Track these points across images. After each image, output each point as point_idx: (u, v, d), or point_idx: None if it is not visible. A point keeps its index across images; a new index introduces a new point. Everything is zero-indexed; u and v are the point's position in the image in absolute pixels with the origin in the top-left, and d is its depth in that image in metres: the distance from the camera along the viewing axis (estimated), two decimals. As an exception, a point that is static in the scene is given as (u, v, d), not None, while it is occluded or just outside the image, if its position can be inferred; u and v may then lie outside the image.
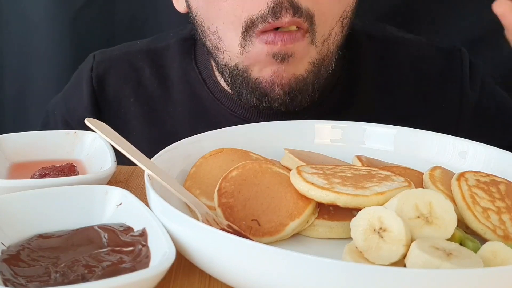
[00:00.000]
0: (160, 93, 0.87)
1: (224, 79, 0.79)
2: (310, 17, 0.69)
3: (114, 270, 0.43)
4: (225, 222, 0.50)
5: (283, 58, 0.70)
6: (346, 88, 0.85)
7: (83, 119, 0.86)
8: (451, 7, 1.05)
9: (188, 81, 0.86)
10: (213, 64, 0.83)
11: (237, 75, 0.74)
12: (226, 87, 0.82)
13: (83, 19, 1.07)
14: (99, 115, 0.87)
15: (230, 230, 0.48)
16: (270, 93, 0.72)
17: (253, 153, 0.63)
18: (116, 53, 0.90)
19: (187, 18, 1.05)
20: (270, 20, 0.67)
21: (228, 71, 0.75)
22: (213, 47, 0.76)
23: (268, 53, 0.70)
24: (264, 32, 0.69)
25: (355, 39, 0.86)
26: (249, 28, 0.69)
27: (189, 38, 0.88)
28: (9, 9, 1.08)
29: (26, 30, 1.08)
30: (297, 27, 0.69)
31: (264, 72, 0.72)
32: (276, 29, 0.69)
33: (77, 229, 0.49)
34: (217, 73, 0.83)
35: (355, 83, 0.86)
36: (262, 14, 0.67)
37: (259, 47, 0.70)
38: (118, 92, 0.88)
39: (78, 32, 1.07)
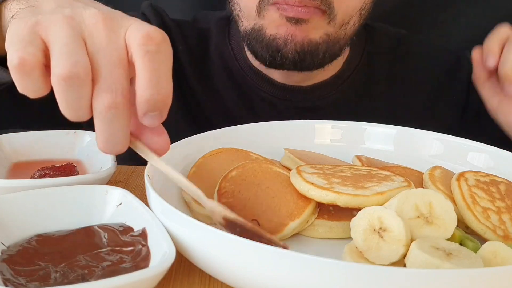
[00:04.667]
0: (199, 67, 0.92)
1: (246, 45, 0.84)
2: (327, 2, 0.73)
3: (114, 270, 0.43)
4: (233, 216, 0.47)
5: (296, 21, 0.73)
6: (363, 77, 0.91)
7: None
8: (450, 6, 1.06)
9: (222, 56, 0.92)
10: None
11: (253, 36, 0.79)
12: (253, 63, 0.88)
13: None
14: None
15: (242, 221, 0.46)
16: (283, 48, 0.76)
17: (253, 153, 0.63)
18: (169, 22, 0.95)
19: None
20: None
21: (245, 36, 0.81)
22: (237, 17, 0.82)
23: (282, 16, 0.74)
24: (276, 3, 0.73)
25: (375, 36, 0.94)
26: None
27: (225, 18, 0.94)
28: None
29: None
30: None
31: (280, 29, 0.76)
32: None
33: (77, 229, 0.49)
34: (247, 50, 0.88)
35: (372, 73, 0.92)
36: None
37: (273, 12, 0.74)
38: None
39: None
